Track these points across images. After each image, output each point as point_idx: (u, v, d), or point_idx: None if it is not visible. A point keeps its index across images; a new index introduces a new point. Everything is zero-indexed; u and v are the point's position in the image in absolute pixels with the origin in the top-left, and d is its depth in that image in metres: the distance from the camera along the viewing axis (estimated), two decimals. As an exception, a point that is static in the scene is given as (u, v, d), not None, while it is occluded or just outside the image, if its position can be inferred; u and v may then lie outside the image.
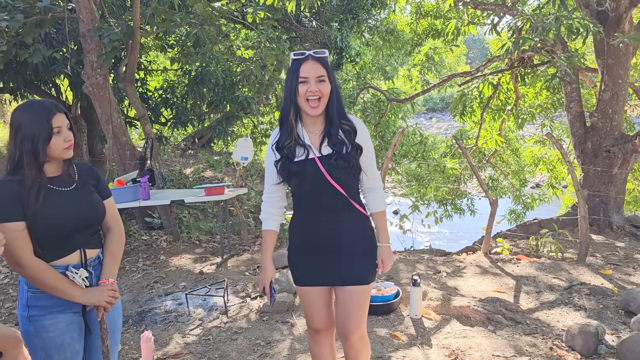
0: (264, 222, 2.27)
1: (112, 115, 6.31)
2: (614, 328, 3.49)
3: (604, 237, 6.23)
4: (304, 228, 2.21)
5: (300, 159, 2.12)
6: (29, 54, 5.98)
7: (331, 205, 2.15)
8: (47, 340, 1.88)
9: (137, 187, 5.27)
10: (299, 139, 2.14)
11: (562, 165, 10.42)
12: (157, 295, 4.51)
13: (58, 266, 1.89)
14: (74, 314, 1.94)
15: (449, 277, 4.77)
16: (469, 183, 12.51)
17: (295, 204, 2.24)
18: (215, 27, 6.51)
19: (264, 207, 2.27)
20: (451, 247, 7.75)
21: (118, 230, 2.12)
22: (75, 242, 1.94)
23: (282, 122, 2.17)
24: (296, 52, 2.10)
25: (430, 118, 35.73)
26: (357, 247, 2.19)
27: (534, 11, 6.07)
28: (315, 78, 2.04)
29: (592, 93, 9.43)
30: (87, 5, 5.78)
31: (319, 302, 2.26)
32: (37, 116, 1.83)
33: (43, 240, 1.85)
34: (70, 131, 1.92)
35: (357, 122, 2.20)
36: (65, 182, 1.96)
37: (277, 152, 2.16)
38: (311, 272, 2.21)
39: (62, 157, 1.91)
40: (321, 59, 2.08)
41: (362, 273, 2.21)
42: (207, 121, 11.44)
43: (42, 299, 1.87)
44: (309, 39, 10.74)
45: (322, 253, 2.18)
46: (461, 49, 14.57)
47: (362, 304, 2.23)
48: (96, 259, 2.03)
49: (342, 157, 2.10)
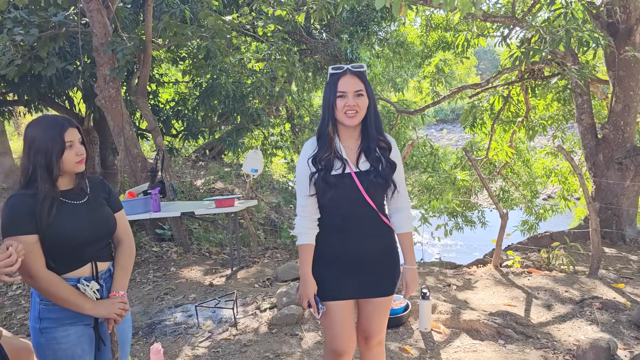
0: (300, 237, 2.20)
1: (124, 128, 6.38)
2: (626, 343, 3.45)
3: (617, 250, 6.17)
4: (333, 242, 2.18)
5: (337, 172, 2.11)
6: (43, 67, 6.08)
7: (363, 220, 2.15)
8: (58, 352, 1.89)
9: (148, 199, 5.31)
10: (337, 152, 2.14)
11: (574, 177, 10.34)
12: (167, 307, 4.53)
13: (70, 279, 1.91)
14: (85, 326, 1.96)
15: (459, 290, 4.73)
16: (480, 195, 12.44)
17: (324, 219, 2.20)
18: (226, 39, 6.59)
19: (299, 222, 2.20)
20: (461, 260, 7.71)
21: (129, 243, 2.14)
22: (87, 255, 1.97)
23: (320, 135, 2.16)
24: (334, 66, 2.12)
25: (440, 129, 35.67)
26: (384, 259, 2.21)
27: (543, 23, 6.06)
28: (354, 92, 2.05)
29: (604, 105, 9.38)
30: (101, 20, 5.88)
31: (345, 319, 2.20)
32: (50, 131, 1.87)
33: (55, 253, 1.88)
34: (82, 145, 1.95)
35: (390, 139, 2.22)
36: (78, 196, 1.98)
37: (313, 165, 2.13)
38: (340, 286, 2.18)
39: (74, 170, 1.94)
40: (359, 73, 2.09)
41: (389, 285, 2.25)
42: (218, 133, 11.52)
43: (54, 311, 1.89)
44: (319, 51, 10.81)
45: (352, 267, 2.17)
46: (471, 61, 14.58)
47: (386, 312, 2.29)
48: (107, 272, 2.05)
49: (381, 175, 2.11)
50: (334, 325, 2.20)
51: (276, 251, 6.93)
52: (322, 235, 2.20)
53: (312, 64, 11.58)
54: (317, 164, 2.13)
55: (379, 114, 2.23)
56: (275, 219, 9.84)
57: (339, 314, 2.19)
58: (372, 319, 2.25)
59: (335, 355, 2.22)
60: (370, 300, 2.22)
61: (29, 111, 8.82)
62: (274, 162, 14.33)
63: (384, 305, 2.25)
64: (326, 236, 2.19)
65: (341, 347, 2.20)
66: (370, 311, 2.24)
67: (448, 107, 35.90)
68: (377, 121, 2.17)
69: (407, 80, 14.99)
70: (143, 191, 5.58)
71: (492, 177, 10.42)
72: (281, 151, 13.39)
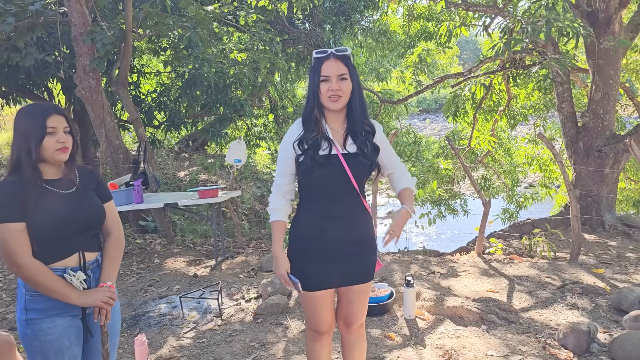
0: (273, 213, 2.21)
1: (105, 119, 6.30)
2: (606, 326, 3.52)
3: (597, 237, 6.28)
4: (316, 228, 2.16)
5: (324, 152, 2.11)
6: (20, 57, 5.96)
7: (347, 204, 2.16)
8: (44, 344, 1.87)
9: (131, 191, 5.26)
10: (324, 133, 2.14)
11: (554, 165, 10.48)
12: (151, 298, 4.51)
13: (56, 269, 1.89)
14: (72, 317, 1.94)
15: (443, 278, 4.78)
16: (463, 184, 12.54)
17: (305, 202, 2.21)
18: (208, 30, 6.52)
19: (273, 198, 2.22)
20: (445, 248, 7.77)
21: (118, 234, 2.12)
22: (75, 245, 1.95)
23: (305, 118, 2.16)
24: (318, 50, 2.11)
25: (423, 119, 35.80)
26: (365, 245, 2.22)
27: (524, 13, 6.10)
28: (337, 76, 2.05)
29: (584, 93, 9.49)
30: (79, 9, 5.77)
31: (327, 306, 2.25)
32: (33, 116, 1.85)
33: (42, 242, 1.85)
34: (68, 135, 1.92)
35: (375, 123, 2.24)
36: (66, 185, 1.96)
37: (299, 148, 2.13)
38: (324, 276, 2.18)
39: (54, 158, 1.89)
40: (343, 57, 2.08)
41: (370, 271, 2.26)
42: (201, 124, 11.43)
43: (41, 301, 1.87)
44: (302, 41, 10.75)
45: (333, 255, 2.16)
46: (454, 51, 14.63)
47: (366, 298, 2.31)
48: (95, 262, 2.03)
49: (367, 157, 2.13)
50: (315, 311, 2.25)
51: (260, 241, 6.93)
52: (305, 220, 2.20)
53: (294, 54, 11.52)
54: (303, 144, 2.12)
55: (364, 98, 2.22)
56: (260, 210, 9.81)
57: (319, 301, 2.23)
58: (353, 305, 2.28)
59: (317, 334, 2.32)
60: (351, 288, 2.24)
61: (7, 103, 8.65)
62: (258, 153, 14.27)
63: (364, 291, 2.28)
64: (309, 222, 2.18)
65: (321, 328, 2.29)
66: (351, 298, 2.26)
67: (431, 97, 36.05)
68: (362, 105, 2.17)
69: (390, 70, 15.00)
70: (125, 182, 5.52)
71: (474, 166, 10.51)
72: (265, 142, 13.34)
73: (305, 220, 2.20)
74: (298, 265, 2.18)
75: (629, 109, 10.40)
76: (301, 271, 2.18)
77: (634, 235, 6.31)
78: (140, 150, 6.55)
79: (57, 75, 6.82)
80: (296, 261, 2.19)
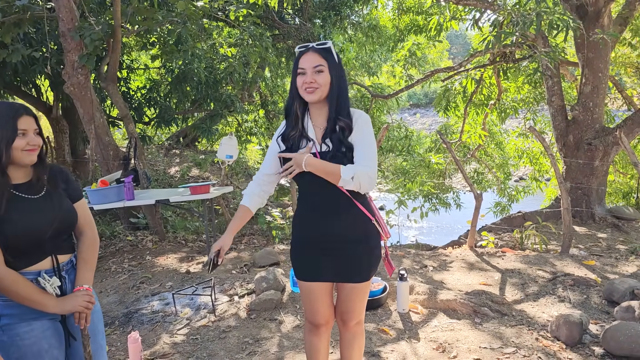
0: (244, 197, 2.24)
1: (94, 115, 6.24)
2: (597, 318, 3.55)
3: (587, 229, 6.33)
4: (306, 224, 2.20)
5: (302, 150, 2.10)
6: (7, 53, 5.89)
7: (332, 203, 2.12)
8: (22, 349, 1.80)
9: (121, 188, 5.22)
10: (304, 131, 2.12)
11: (545, 158, 10.55)
12: (143, 295, 4.48)
13: (29, 273, 1.82)
14: (49, 320, 1.87)
15: (436, 271, 4.80)
16: (454, 177, 12.60)
17: (299, 199, 2.24)
18: (198, 25, 6.47)
19: (250, 185, 2.25)
20: (437, 242, 7.81)
21: (91, 234, 2.05)
22: (46, 249, 1.87)
23: (287, 113, 2.16)
24: (301, 45, 2.10)
25: (414, 114, 35.90)
26: (360, 246, 2.17)
27: (513, 6, 6.11)
28: (312, 69, 2.02)
29: (573, 86, 9.55)
30: (67, 4, 5.70)
31: (322, 298, 2.25)
32: (2, 116, 1.77)
33: (12, 249, 1.77)
34: (38, 137, 1.85)
35: (358, 114, 2.13)
36: (34, 189, 1.88)
37: (282, 144, 2.15)
38: (314, 269, 2.20)
39: (22, 160, 1.81)
40: (320, 50, 2.05)
41: (366, 271, 2.21)
42: (191, 120, 11.37)
43: (14, 306, 1.79)
44: (292, 36, 10.71)
45: (325, 250, 2.16)
46: (444, 45, 14.65)
47: (364, 297, 2.30)
48: (69, 263, 1.96)
49: (337, 157, 2.05)
50: (313, 303, 2.27)
51: (253, 237, 6.91)
52: (297, 217, 2.25)
53: (285, 49, 11.48)
54: (286, 142, 2.15)
55: (346, 93, 2.13)
56: (251, 206, 9.78)
57: (314, 292, 2.24)
58: (350, 302, 2.26)
59: (314, 327, 2.33)
60: (345, 285, 2.23)
61: (-6, 100, 8.57)
62: (249, 148, 14.24)
63: (362, 289, 2.25)
64: (303, 214, 2.22)
65: (319, 321, 2.30)
66: (348, 295, 2.25)
67: (421, 92, 36.15)
68: (340, 100, 2.08)
69: (381, 65, 14.99)
70: (116, 179, 5.48)
71: (466, 160, 10.55)
72: (255, 137, 13.30)
73: (298, 216, 2.25)
74: (295, 253, 2.26)
75: (618, 102, 10.47)
76: (297, 260, 2.25)
77: (624, 227, 6.36)
78: (131, 146, 6.50)
79: (45, 71, 6.74)
80: (294, 250, 2.26)
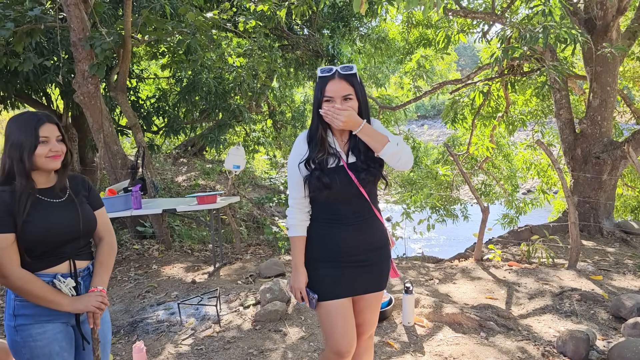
0: (292, 229, 2.18)
1: (103, 124, 6.29)
2: (604, 334, 3.52)
3: (595, 243, 6.28)
4: (329, 236, 2.14)
5: (332, 166, 2.09)
6: (19, 62, 5.96)
7: (358, 213, 2.13)
8: (34, 350, 1.85)
9: (129, 196, 5.25)
10: (330, 147, 2.11)
11: (553, 171, 10.51)
12: (149, 304, 4.49)
13: (46, 275, 1.87)
14: (62, 324, 1.92)
15: (441, 284, 4.78)
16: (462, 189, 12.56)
17: (319, 213, 2.18)
18: (207, 36, 6.52)
19: (292, 213, 2.18)
20: (443, 254, 7.78)
21: (109, 240, 2.12)
22: (65, 253, 1.93)
23: (311, 137, 2.13)
24: (323, 68, 2.05)
25: (421, 125, 35.90)
26: (377, 254, 2.19)
27: (522, 20, 6.13)
28: (341, 97, 2.01)
29: (581, 100, 9.53)
30: (78, 15, 5.78)
31: (346, 318, 2.15)
32: (25, 125, 1.84)
33: (33, 252, 1.84)
34: (60, 143, 1.91)
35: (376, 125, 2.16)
36: (57, 194, 1.95)
37: (306, 169, 2.10)
38: (338, 285, 2.15)
39: (46, 166, 1.88)
40: (347, 77, 2.03)
41: (384, 279, 2.25)
42: (199, 129, 11.43)
43: (29, 307, 1.85)
44: (300, 46, 10.78)
45: (348, 263, 2.15)
46: (452, 57, 14.67)
47: (377, 306, 2.30)
48: (86, 270, 2.02)
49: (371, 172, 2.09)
50: (336, 326, 2.14)
51: (259, 247, 6.92)
52: (318, 229, 2.17)
53: (293, 60, 11.54)
54: (310, 164, 2.10)
55: (368, 110, 2.15)
56: (258, 216, 9.80)
57: (339, 312, 2.14)
58: (365, 314, 2.25)
59: (337, 358, 2.16)
60: (364, 296, 2.22)
61: (5, 108, 8.65)
62: (256, 158, 14.28)
63: (377, 299, 2.26)
64: (322, 230, 2.16)
65: (345, 349, 2.13)
66: (364, 307, 2.24)
67: (429, 103, 36.19)
68: (365, 118, 2.08)
69: (389, 76, 15.03)
70: (124, 188, 5.51)
71: (473, 172, 10.53)
72: (263, 147, 13.34)
73: (320, 230, 2.17)
74: (313, 273, 2.17)
75: (626, 116, 10.44)
76: (315, 278, 2.16)
77: (632, 242, 6.31)
78: (139, 155, 6.54)
79: (56, 80, 6.82)
80: (311, 269, 2.17)
